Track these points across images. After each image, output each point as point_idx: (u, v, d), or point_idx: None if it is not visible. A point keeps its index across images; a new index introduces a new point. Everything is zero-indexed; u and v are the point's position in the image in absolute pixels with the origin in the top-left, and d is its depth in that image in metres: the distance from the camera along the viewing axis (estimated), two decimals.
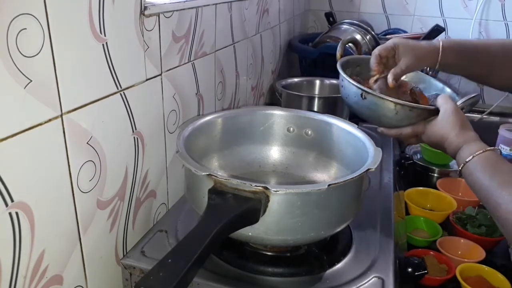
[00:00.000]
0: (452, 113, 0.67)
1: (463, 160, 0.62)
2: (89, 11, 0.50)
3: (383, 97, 0.69)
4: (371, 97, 0.70)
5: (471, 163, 0.61)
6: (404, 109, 0.69)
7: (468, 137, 0.65)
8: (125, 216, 0.65)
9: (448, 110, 0.67)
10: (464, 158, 0.62)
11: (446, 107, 0.68)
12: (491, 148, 0.62)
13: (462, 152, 0.64)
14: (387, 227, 0.73)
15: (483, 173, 0.60)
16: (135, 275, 0.63)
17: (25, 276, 0.47)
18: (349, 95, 0.74)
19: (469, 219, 0.98)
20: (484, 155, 0.61)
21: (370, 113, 0.72)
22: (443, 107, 0.69)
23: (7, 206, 0.43)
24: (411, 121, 0.70)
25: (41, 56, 0.44)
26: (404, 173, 1.09)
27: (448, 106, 0.68)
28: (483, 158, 0.61)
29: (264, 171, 0.80)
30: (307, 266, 0.63)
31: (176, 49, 0.72)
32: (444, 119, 0.67)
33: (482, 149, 0.61)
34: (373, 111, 0.71)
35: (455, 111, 0.67)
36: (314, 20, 1.92)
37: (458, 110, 0.68)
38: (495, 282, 0.82)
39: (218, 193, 0.54)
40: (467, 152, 0.62)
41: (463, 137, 0.65)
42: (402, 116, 0.70)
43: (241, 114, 0.79)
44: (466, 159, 0.62)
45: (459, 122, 0.66)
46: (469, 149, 0.63)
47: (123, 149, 0.62)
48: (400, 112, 0.69)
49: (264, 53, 1.26)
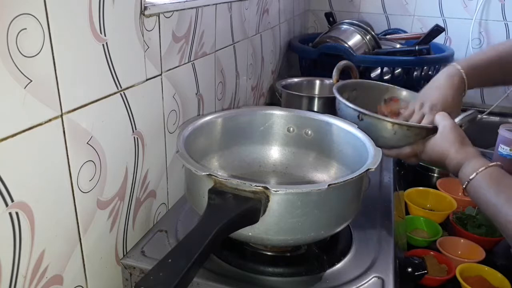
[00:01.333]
0: (451, 130, 0.67)
1: (467, 178, 0.62)
2: (89, 11, 0.50)
3: (380, 118, 0.70)
4: (368, 118, 0.72)
5: (475, 180, 0.61)
6: (402, 128, 0.69)
7: (468, 153, 0.64)
8: (125, 216, 0.65)
9: (447, 127, 0.67)
10: (467, 175, 0.62)
11: (444, 124, 0.68)
12: (493, 163, 0.61)
13: (464, 169, 0.63)
14: (387, 227, 0.73)
15: (489, 190, 0.59)
16: (135, 275, 0.63)
17: (25, 276, 0.47)
18: (346, 117, 0.75)
19: (469, 219, 0.98)
20: (487, 171, 0.61)
21: (368, 134, 0.72)
22: (441, 125, 0.69)
23: (7, 206, 0.43)
24: (410, 140, 0.70)
25: (41, 56, 0.44)
26: (404, 173, 1.09)
27: (446, 123, 0.68)
28: (487, 174, 0.60)
29: (264, 171, 0.80)
30: (307, 266, 0.63)
31: (176, 49, 0.72)
32: (443, 136, 0.67)
33: (484, 165, 0.61)
34: (371, 132, 0.70)
35: (454, 127, 0.67)
36: (314, 20, 1.92)
37: (456, 126, 0.68)
38: (495, 282, 0.82)
39: (218, 193, 0.54)
40: (470, 169, 0.62)
41: (463, 154, 0.65)
42: (400, 136, 0.70)
43: (241, 114, 0.79)
44: (469, 176, 0.61)
45: (458, 138, 0.66)
46: (472, 166, 0.62)
47: (123, 149, 0.62)
48: (398, 132, 0.70)
49: (264, 53, 1.26)
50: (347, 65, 0.96)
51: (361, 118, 0.72)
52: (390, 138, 0.71)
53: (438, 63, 1.41)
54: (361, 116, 0.72)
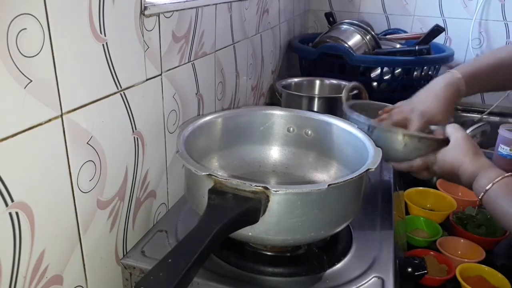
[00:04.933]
0: (464, 141, 0.66)
1: (483, 188, 0.61)
2: (89, 11, 0.50)
3: (389, 129, 0.69)
4: (378, 130, 0.71)
5: (492, 190, 0.60)
6: (413, 140, 0.69)
7: (482, 163, 0.64)
8: (125, 216, 0.65)
9: (459, 138, 0.67)
10: (483, 186, 0.61)
11: (456, 135, 0.67)
12: (510, 174, 0.61)
13: (480, 180, 0.62)
14: (387, 227, 0.73)
15: (507, 200, 0.59)
16: (135, 275, 0.63)
17: (25, 276, 0.47)
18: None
19: (469, 219, 0.98)
20: (503, 181, 0.60)
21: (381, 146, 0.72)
22: (453, 136, 0.68)
23: (7, 206, 0.43)
24: (421, 152, 0.69)
25: (41, 56, 0.44)
26: (404, 173, 1.08)
27: (458, 134, 0.67)
28: (504, 184, 0.60)
29: (264, 171, 0.80)
30: (307, 266, 0.63)
31: (176, 49, 0.72)
32: (456, 147, 0.66)
33: (500, 175, 0.60)
34: (382, 144, 0.69)
35: (466, 138, 0.67)
36: (314, 20, 1.92)
37: (469, 138, 0.67)
38: (495, 282, 0.82)
39: (218, 193, 0.54)
40: (486, 179, 0.61)
41: (478, 164, 0.64)
42: (411, 148, 0.69)
43: (241, 114, 0.79)
44: (485, 187, 0.60)
45: (471, 149, 0.65)
46: (487, 176, 0.61)
47: (123, 149, 0.62)
48: (409, 144, 0.69)
49: (264, 53, 1.26)
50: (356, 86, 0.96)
51: (371, 130, 0.72)
52: (400, 150, 0.70)
53: (438, 63, 1.41)
54: (371, 127, 0.72)
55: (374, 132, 0.71)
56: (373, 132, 0.71)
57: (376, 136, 0.70)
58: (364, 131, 0.71)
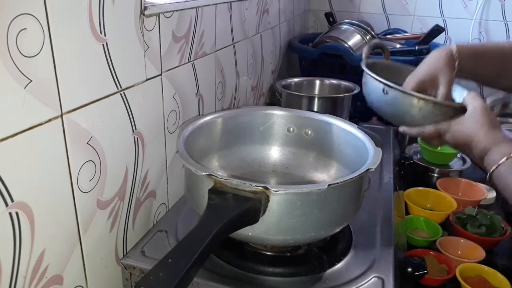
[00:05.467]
0: (481, 112, 0.63)
1: (495, 162, 0.58)
2: (89, 11, 0.50)
3: (406, 92, 0.66)
4: (393, 92, 0.68)
5: (505, 165, 0.57)
6: (428, 105, 0.66)
7: (497, 137, 0.61)
8: (125, 216, 0.65)
9: (477, 108, 0.63)
10: (495, 160, 0.58)
11: (475, 105, 0.64)
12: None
13: (492, 154, 0.60)
14: (387, 227, 0.73)
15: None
16: (135, 275, 0.63)
17: (25, 276, 0.47)
18: (371, 92, 0.73)
19: (469, 219, 0.98)
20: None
21: (392, 110, 0.71)
22: (471, 105, 0.64)
23: (7, 206, 0.43)
24: (435, 119, 0.66)
25: (41, 56, 0.44)
26: (404, 173, 1.09)
27: (477, 104, 0.63)
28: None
29: (264, 171, 0.80)
30: (307, 266, 0.63)
31: (176, 49, 0.72)
32: (473, 117, 0.63)
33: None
34: (395, 107, 0.69)
35: (484, 109, 0.63)
36: (314, 20, 1.92)
37: (487, 109, 0.63)
38: (495, 282, 0.82)
39: (218, 193, 0.54)
40: (499, 153, 0.59)
41: (492, 138, 0.61)
42: (425, 113, 0.66)
43: (241, 114, 0.79)
44: (498, 161, 0.58)
45: (488, 121, 0.62)
46: (501, 151, 0.59)
47: (123, 149, 0.62)
48: (424, 109, 0.66)
49: (264, 53, 1.26)
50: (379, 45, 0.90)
51: (386, 92, 0.69)
52: (414, 115, 0.67)
53: None
54: (386, 89, 0.69)
55: (389, 93, 0.69)
56: (388, 93, 0.69)
57: (390, 98, 0.69)
58: (378, 92, 0.70)
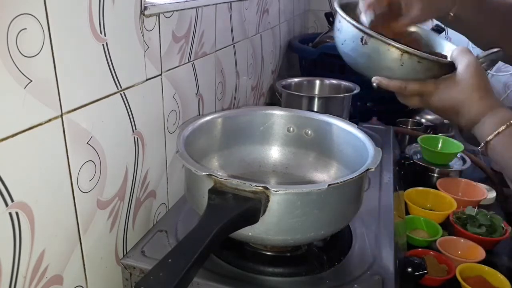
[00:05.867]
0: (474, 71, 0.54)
1: (492, 131, 0.51)
2: (89, 11, 0.50)
3: (389, 42, 0.57)
4: (373, 42, 0.59)
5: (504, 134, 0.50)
6: (412, 59, 0.57)
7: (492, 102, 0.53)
8: (125, 216, 0.65)
9: (470, 67, 0.54)
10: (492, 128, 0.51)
11: (466, 63, 0.54)
12: None
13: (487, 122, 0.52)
14: (387, 227, 0.73)
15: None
16: (135, 275, 0.63)
17: (25, 276, 0.47)
18: (346, 40, 0.63)
19: (469, 219, 0.98)
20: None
21: (369, 63, 0.61)
22: (462, 63, 0.55)
23: (7, 206, 0.43)
24: (417, 75, 0.58)
25: (41, 56, 0.44)
26: (404, 173, 1.09)
27: (468, 61, 0.54)
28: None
29: (264, 171, 0.80)
30: (307, 266, 0.63)
31: (176, 49, 0.72)
32: (464, 79, 0.54)
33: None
34: (373, 60, 0.60)
35: (477, 69, 0.54)
36: (314, 20, 1.92)
37: (480, 67, 0.55)
38: (495, 282, 0.82)
39: (218, 193, 0.54)
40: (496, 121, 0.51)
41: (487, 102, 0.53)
42: (408, 69, 0.58)
43: (241, 114, 0.79)
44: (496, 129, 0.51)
45: (481, 83, 0.54)
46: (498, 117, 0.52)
47: (123, 149, 0.62)
48: (407, 64, 0.57)
49: (264, 53, 1.26)
50: None
51: (365, 41, 0.59)
52: (395, 69, 0.59)
53: None
54: (365, 38, 0.59)
55: (368, 44, 0.59)
56: (367, 43, 0.59)
57: (369, 49, 0.60)
58: (354, 41, 0.61)
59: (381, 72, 0.60)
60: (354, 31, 0.60)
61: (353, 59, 0.64)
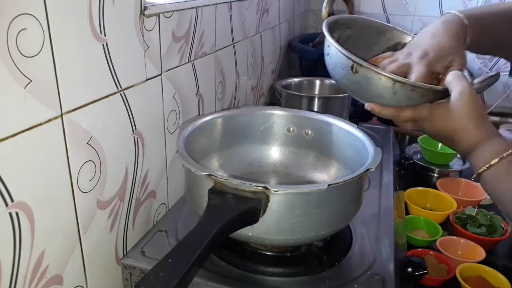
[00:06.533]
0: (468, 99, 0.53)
1: (486, 162, 0.50)
2: (89, 11, 0.50)
3: (380, 72, 0.56)
4: (364, 71, 0.57)
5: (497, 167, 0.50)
6: (405, 88, 0.55)
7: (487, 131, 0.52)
8: (125, 216, 0.65)
9: (463, 96, 0.53)
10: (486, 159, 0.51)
11: (460, 90, 0.53)
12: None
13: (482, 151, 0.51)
14: (387, 227, 0.73)
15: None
16: (135, 275, 0.63)
17: (25, 276, 0.47)
18: (336, 67, 0.61)
19: (469, 219, 0.98)
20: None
21: (361, 90, 0.60)
22: (455, 90, 0.54)
23: (7, 206, 0.43)
24: (412, 102, 0.57)
25: (41, 56, 0.44)
26: (404, 173, 1.09)
27: (462, 89, 0.53)
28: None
29: (264, 171, 0.80)
30: (307, 266, 0.63)
31: (176, 49, 0.72)
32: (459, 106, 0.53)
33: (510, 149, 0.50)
34: (365, 88, 0.58)
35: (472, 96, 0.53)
36: (314, 20, 1.92)
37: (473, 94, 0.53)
38: (495, 282, 0.82)
39: (218, 193, 0.54)
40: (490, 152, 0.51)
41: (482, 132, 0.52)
42: (401, 97, 0.57)
43: (241, 114, 0.79)
44: (490, 161, 0.50)
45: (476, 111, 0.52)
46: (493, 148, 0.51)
47: (123, 149, 0.62)
48: (400, 92, 0.56)
49: (264, 53, 1.26)
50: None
51: (356, 70, 0.57)
52: (388, 98, 0.57)
53: None
54: (355, 67, 0.57)
55: (359, 72, 0.57)
56: (357, 72, 0.57)
57: (360, 78, 0.57)
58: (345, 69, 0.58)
59: (373, 99, 0.59)
60: (344, 58, 0.59)
61: (345, 85, 0.63)
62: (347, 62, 0.58)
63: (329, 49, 0.62)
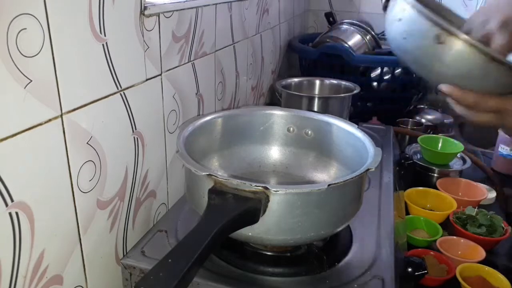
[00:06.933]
0: None
1: None
2: (89, 11, 0.50)
3: (476, 45, 0.45)
4: (453, 42, 0.45)
5: None
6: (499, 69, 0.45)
7: None
8: (125, 216, 0.65)
9: None
10: None
11: None
12: None
13: None
14: (387, 227, 0.73)
15: None
16: (135, 275, 0.63)
17: (25, 276, 0.47)
18: (412, 35, 0.49)
19: (469, 219, 0.98)
20: None
21: (439, 67, 0.48)
22: None
23: (7, 206, 0.43)
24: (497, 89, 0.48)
25: (41, 56, 0.44)
26: (404, 173, 1.09)
27: None
28: None
29: (264, 171, 0.80)
30: (307, 266, 0.63)
31: (176, 49, 0.72)
32: None
33: None
34: (446, 64, 0.47)
35: None
36: (314, 20, 1.92)
37: None
38: (495, 282, 0.82)
39: (218, 193, 0.54)
40: None
41: None
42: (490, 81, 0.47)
43: (241, 114, 0.79)
44: None
45: None
46: None
47: (123, 149, 0.62)
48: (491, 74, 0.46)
49: (264, 53, 1.26)
50: None
51: (442, 41, 0.46)
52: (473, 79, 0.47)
53: None
54: (443, 36, 0.45)
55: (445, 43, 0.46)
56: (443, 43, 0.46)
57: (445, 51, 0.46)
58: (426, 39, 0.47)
59: (451, 79, 0.49)
60: (428, 24, 0.46)
61: (414, 58, 0.51)
62: (431, 29, 0.46)
63: (403, 13, 0.50)
